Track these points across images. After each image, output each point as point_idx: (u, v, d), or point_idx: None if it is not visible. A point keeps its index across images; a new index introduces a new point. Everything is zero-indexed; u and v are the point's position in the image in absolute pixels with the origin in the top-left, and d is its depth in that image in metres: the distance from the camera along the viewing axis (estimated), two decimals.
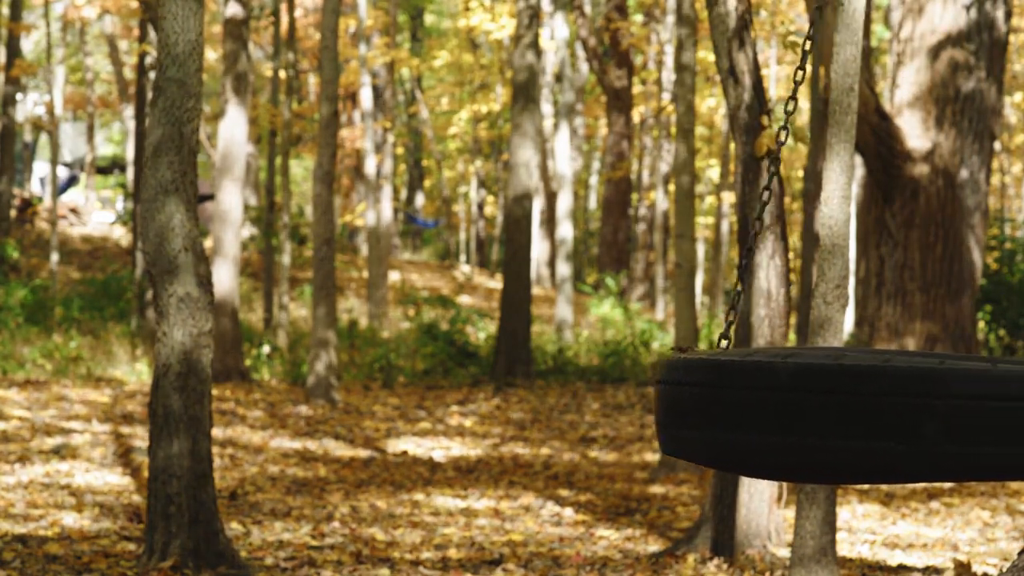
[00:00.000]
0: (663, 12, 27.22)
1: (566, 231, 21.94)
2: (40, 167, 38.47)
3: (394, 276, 28.31)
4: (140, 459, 10.94)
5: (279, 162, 22.96)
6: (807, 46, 4.13)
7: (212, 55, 29.80)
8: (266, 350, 17.85)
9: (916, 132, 14.80)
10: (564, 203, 22.27)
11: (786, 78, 31.08)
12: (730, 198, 28.74)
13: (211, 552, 6.94)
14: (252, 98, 24.76)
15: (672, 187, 27.62)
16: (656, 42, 29.05)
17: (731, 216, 31.07)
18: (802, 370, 3.02)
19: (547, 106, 28.94)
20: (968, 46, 14.78)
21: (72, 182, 37.76)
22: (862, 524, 9.37)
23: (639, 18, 31.32)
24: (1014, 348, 17.77)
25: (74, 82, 38.17)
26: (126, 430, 12.36)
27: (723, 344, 3.76)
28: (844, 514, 9.61)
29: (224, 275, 15.49)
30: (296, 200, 38.29)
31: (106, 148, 45.65)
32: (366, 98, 23.27)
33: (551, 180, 29.90)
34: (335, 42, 14.69)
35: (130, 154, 26.77)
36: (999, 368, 2.98)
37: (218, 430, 12.60)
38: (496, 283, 29.56)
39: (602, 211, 31.49)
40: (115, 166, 39.50)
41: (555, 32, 24.31)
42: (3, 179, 25.54)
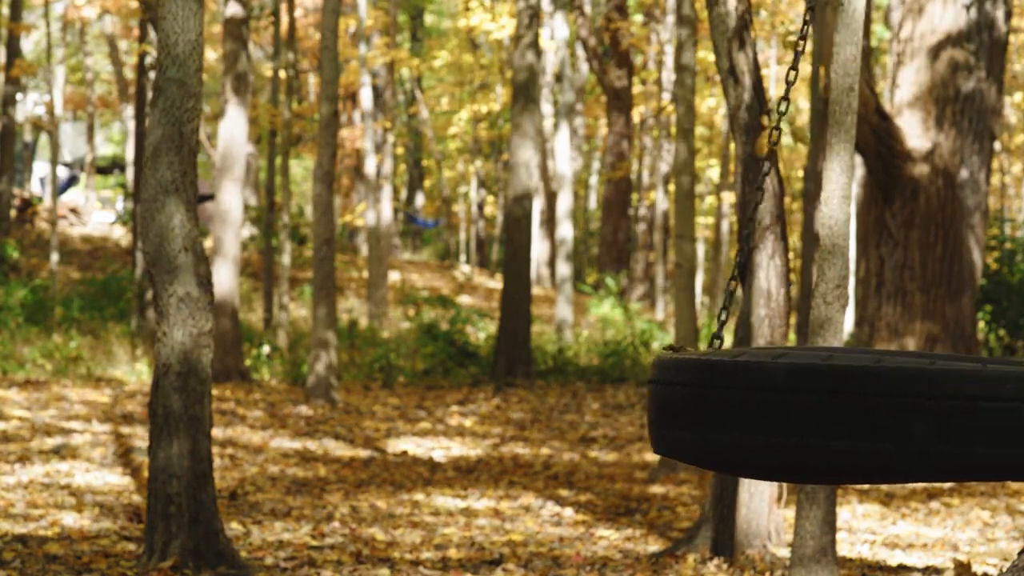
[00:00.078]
0: (663, 12, 27.22)
1: (566, 231, 21.94)
2: (40, 167, 38.47)
3: (394, 276, 28.31)
4: (140, 459, 10.94)
5: (279, 162, 22.96)
6: (799, 47, 4.14)
7: (212, 55, 29.80)
8: (266, 350, 17.85)
9: (916, 132, 14.80)
10: (564, 203, 22.27)
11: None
12: (730, 198, 28.74)
13: (211, 552, 6.94)
14: (252, 98, 24.76)
15: (672, 187, 27.62)
16: (656, 42, 29.05)
17: (731, 216, 31.08)
18: (792, 370, 3.03)
19: (547, 106, 28.94)
20: (968, 46, 14.78)
21: (72, 182, 37.76)
22: (862, 524, 9.37)
23: (639, 18, 31.32)
24: (1014, 348, 17.77)
25: (74, 82, 38.17)
26: (126, 430, 12.36)
27: (715, 344, 3.77)
28: (844, 514, 9.61)
29: (224, 275, 15.49)
30: (296, 200, 38.29)
31: (106, 148, 45.64)
32: (366, 98, 23.27)
33: (551, 180, 29.90)
34: (335, 42, 14.69)
35: (130, 154, 26.77)
36: (990, 368, 2.99)
37: (218, 430, 12.60)
38: (496, 283, 29.56)
39: (602, 211, 31.49)
40: (115, 166, 39.50)
41: (555, 32, 24.31)
42: (3, 179, 25.54)
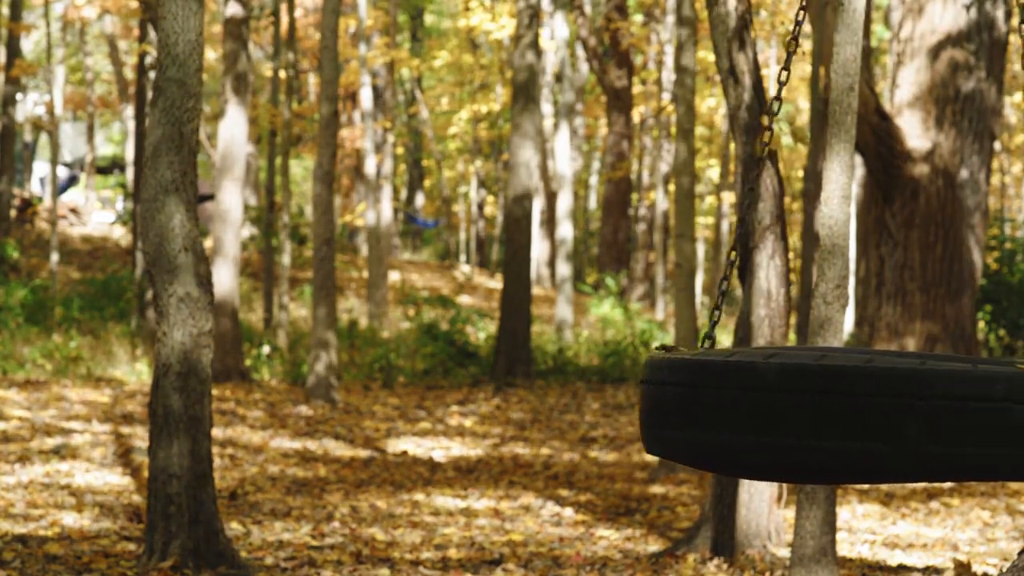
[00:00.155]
0: (663, 12, 27.22)
1: (566, 231, 21.94)
2: (40, 167, 38.46)
3: (394, 276, 28.31)
4: (140, 459, 10.94)
5: (279, 162, 22.96)
6: (791, 47, 4.15)
7: (212, 55, 29.80)
8: (266, 350, 17.85)
9: (916, 132, 14.80)
10: (564, 203, 22.27)
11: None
12: (730, 198, 28.74)
13: (211, 552, 6.95)
14: (252, 98, 24.76)
15: (672, 187, 27.62)
16: (656, 42, 29.05)
17: (731, 216, 31.07)
18: (783, 370, 3.03)
19: (547, 106, 28.94)
20: (968, 46, 14.77)
21: (72, 182, 37.75)
22: (862, 524, 9.37)
23: (639, 18, 31.32)
24: (1014, 348, 17.77)
25: (74, 82, 38.17)
26: (126, 430, 12.36)
27: (707, 344, 3.77)
28: (844, 514, 9.61)
29: (224, 275, 15.49)
30: (296, 200, 38.29)
31: (106, 148, 45.64)
32: (366, 98, 23.27)
33: (551, 180, 29.90)
34: (335, 42, 14.69)
35: (130, 154, 26.77)
36: (980, 369, 2.99)
37: (218, 430, 12.60)
38: (496, 283, 29.56)
39: (602, 211, 31.49)
40: (115, 166, 39.49)
41: (555, 32, 24.31)
42: (3, 179, 25.54)
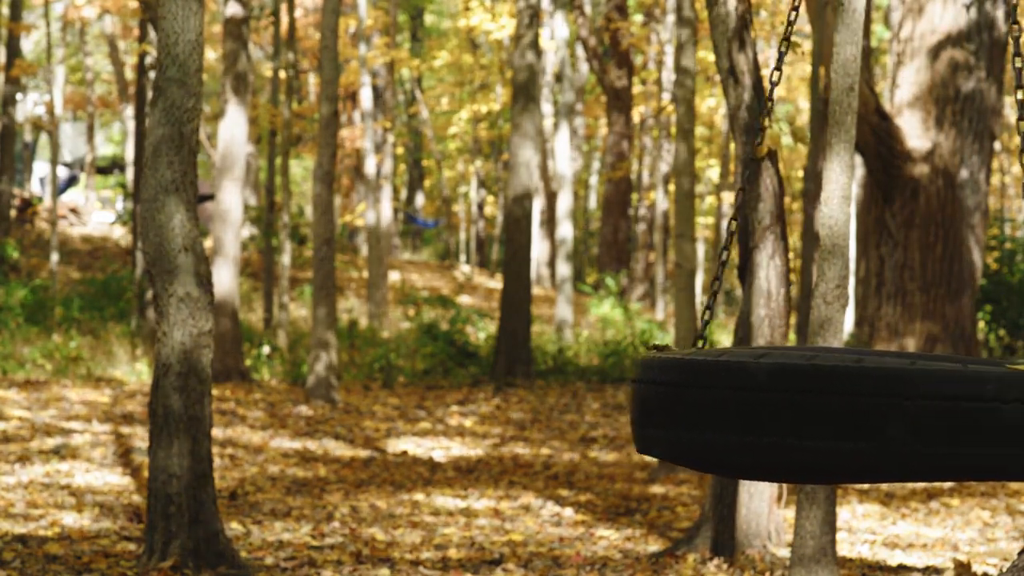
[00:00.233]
0: (663, 12, 27.22)
1: (566, 231, 21.94)
2: (40, 167, 38.46)
3: (394, 276, 28.31)
4: (140, 459, 10.94)
5: (279, 162, 22.96)
6: (783, 47, 4.17)
7: (212, 55, 29.79)
8: (266, 350, 17.85)
9: (916, 132, 14.80)
10: (564, 203, 22.27)
11: (786, 78, 31.08)
12: (730, 198, 28.74)
13: (211, 552, 6.95)
14: (252, 98, 24.75)
15: (672, 187, 27.62)
16: (656, 42, 29.05)
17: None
18: (773, 370, 3.03)
19: (547, 106, 28.94)
20: (968, 46, 14.77)
21: (72, 182, 37.76)
22: (862, 524, 9.37)
23: (639, 18, 31.32)
24: (1014, 348, 17.77)
25: (74, 82, 38.17)
26: (126, 430, 12.36)
27: (698, 344, 3.77)
28: (844, 514, 9.61)
29: (224, 275, 15.49)
30: (296, 200, 38.28)
31: (106, 148, 45.64)
32: (366, 98, 23.27)
33: (551, 180, 29.90)
34: (335, 42, 14.69)
35: (130, 154, 26.77)
36: (970, 369, 2.99)
37: (218, 430, 12.60)
38: (496, 283, 29.56)
39: (602, 211, 31.49)
40: (115, 166, 39.49)
41: (555, 32, 24.31)
42: (3, 179, 25.54)
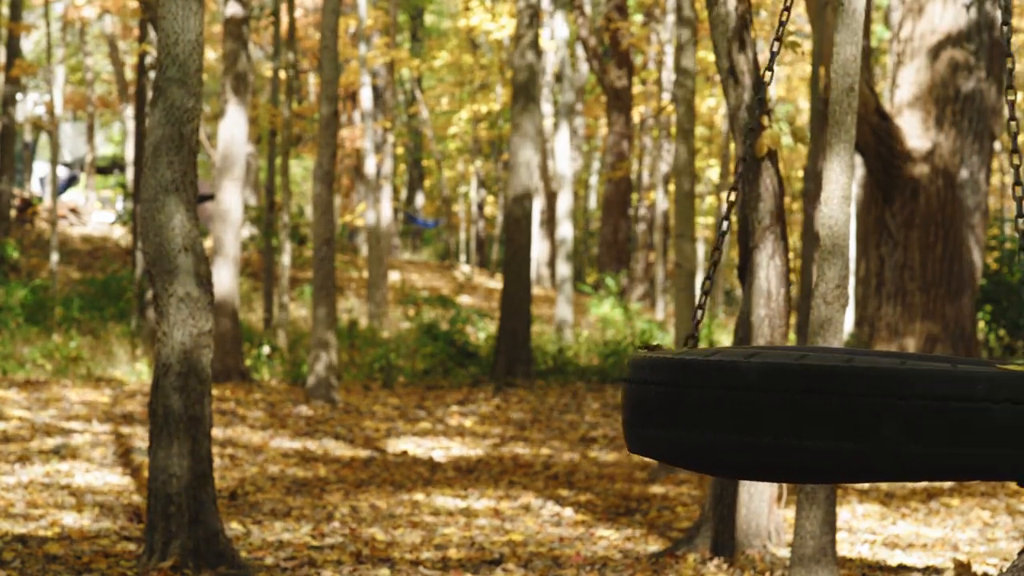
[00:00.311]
0: (663, 12, 27.22)
1: (566, 231, 21.94)
2: (40, 167, 38.46)
3: (394, 276, 28.31)
4: (140, 459, 10.94)
5: (279, 162, 22.96)
6: (775, 48, 4.17)
7: (212, 55, 29.79)
8: (266, 350, 17.85)
9: (916, 132, 14.80)
10: (564, 203, 22.27)
11: (786, 78, 31.09)
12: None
13: (211, 552, 6.95)
14: (252, 98, 24.75)
15: (672, 187, 27.62)
16: (656, 42, 29.05)
17: (731, 216, 31.00)
18: (764, 370, 3.03)
19: (547, 106, 28.94)
20: (968, 46, 14.77)
21: (72, 182, 37.76)
22: (862, 524, 9.37)
23: (639, 18, 31.32)
24: (1014, 348, 17.77)
25: (74, 82, 38.17)
26: (126, 430, 12.36)
27: (689, 344, 3.78)
28: (844, 514, 9.61)
29: (224, 275, 15.49)
30: (296, 200, 38.29)
31: (106, 148, 45.64)
32: (366, 98, 23.27)
33: (551, 180, 29.90)
34: (335, 42, 14.69)
35: (130, 154, 26.77)
36: (960, 369, 2.99)
37: (218, 430, 12.60)
38: (496, 283, 29.56)
39: (602, 211, 31.49)
40: (115, 166, 39.49)
41: (555, 32, 24.31)
42: (3, 179, 25.54)
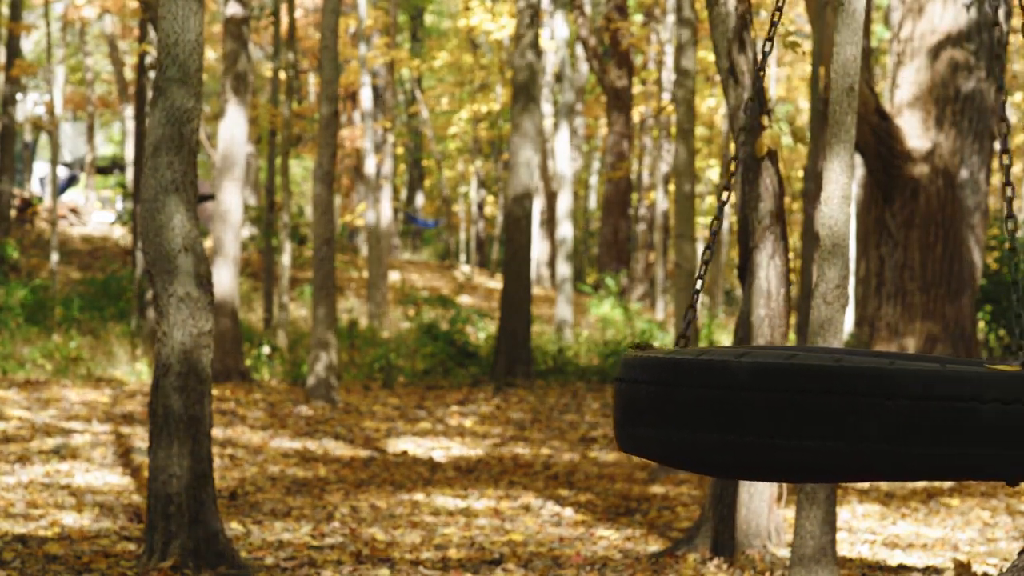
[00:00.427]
0: (663, 12, 27.22)
1: (566, 231, 21.94)
2: (40, 167, 38.46)
3: (394, 276, 28.31)
4: (140, 459, 10.94)
5: (279, 162, 22.96)
6: (767, 48, 4.17)
7: (212, 55, 29.79)
8: (266, 350, 17.85)
9: (916, 132, 14.80)
10: (564, 203, 22.27)
11: (786, 78, 31.09)
12: (730, 198, 28.72)
13: (211, 552, 6.95)
14: (252, 98, 24.75)
15: (672, 187, 27.62)
16: (656, 42, 29.05)
17: (731, 216, 31.05)
18: (753, 369, 3.04)
19: (547, 106, 28.94)
20: (968, 46, 14.78)
21: (72, 182, 37.76)
22: (862, 524, 9.37)
23: (639, 18, 31.32)
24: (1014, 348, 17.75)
25: (74, 82, 38.17)
26: (126, 430, 12.36)
27: (681, 343, 3.78)
28: (844, 514, 9.61)
29: (224, 275, 15.49)
30: (296, 200, 38.28)
31: (106, 148, 45.64)
32: (366, 98, 23.27)
33: (551, 180, 29.90)
34: (335, 42, 14.69)
35: (130, 154, 26.77)
36: (947, 369, 3.00)
37: (218, 430, 12.60)
38: (496, 283, 29.56)
39: (602, 211, 31.49)
40: (115, 166, 39.49)
41: (555, 32, 24.31)
42: (3, 179, 25.54)
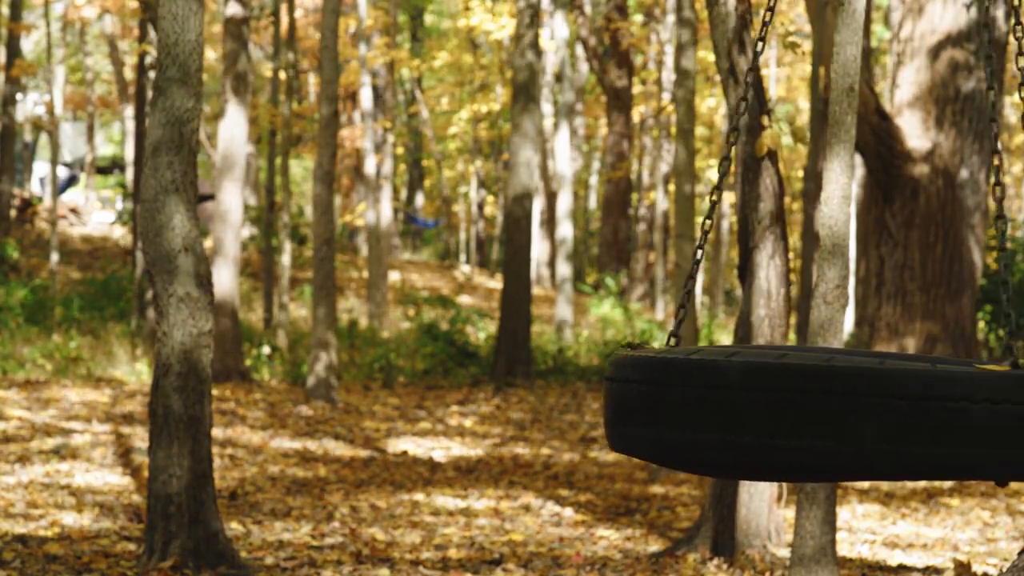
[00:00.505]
0: (663, 12, 27.22)
1: (566, 231, 21.94)
2: (40, 167, 38.47)
3: (394, 276, 28.31)
4: (140, 459, 10.94)
5: (279, 162, 22.96)
6: (759, 48, 4.16)
7: (212, 55, 29.79)
8: (266, 350, 17.85)
9: (916, 132, 14.80)
10: (564, 203, 22.27)
11: (786, 78, 31.09)
12: (730, 198, 28.74)
13: (211, 552, 6.95)
14: (252, 98, 24.75)
15: (672, 187, 27.62)
16: (656, 42, 29.05)
17: (731, 216, 31.08)
18: (744, 369, 3.04)
19: (547, 106, 28.94)
20: (968, 46, 14.78)
21: (72, 182, 37.76)
22: (862, 524, 9.37)
23: (639, 18, 31.32)
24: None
25: (74, 82, 38.17)
26: (126, 430, 12.36)
27: (672, 342, 3.78)
28: (844, 514, 9.61)
29: (224, 275, 15.49)
30: (296, 200, 38.29)
31: (106, 148, 45.64)
32: (366, 98, 23.27)
33: (551, 180, 29.90)
34: (335, 42, 14.69)
35: (130, 154, 26.77)
36: (939, 369, 3.00)
37: (218, 430, 12.60)
38: (496, 283, 29.56)
39: (602, 211, 31.49)
40: (115, 166, 39.49)
41: (555, 32, 24.31)
42: (3, 179, 25.54)
